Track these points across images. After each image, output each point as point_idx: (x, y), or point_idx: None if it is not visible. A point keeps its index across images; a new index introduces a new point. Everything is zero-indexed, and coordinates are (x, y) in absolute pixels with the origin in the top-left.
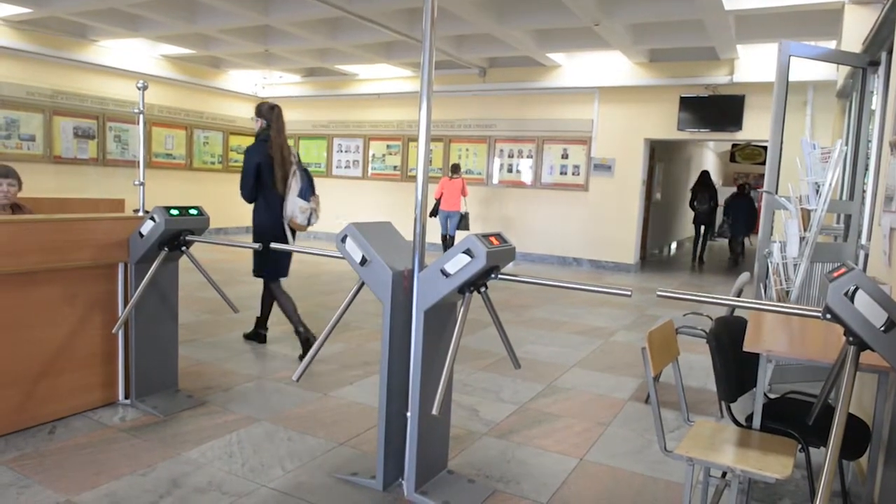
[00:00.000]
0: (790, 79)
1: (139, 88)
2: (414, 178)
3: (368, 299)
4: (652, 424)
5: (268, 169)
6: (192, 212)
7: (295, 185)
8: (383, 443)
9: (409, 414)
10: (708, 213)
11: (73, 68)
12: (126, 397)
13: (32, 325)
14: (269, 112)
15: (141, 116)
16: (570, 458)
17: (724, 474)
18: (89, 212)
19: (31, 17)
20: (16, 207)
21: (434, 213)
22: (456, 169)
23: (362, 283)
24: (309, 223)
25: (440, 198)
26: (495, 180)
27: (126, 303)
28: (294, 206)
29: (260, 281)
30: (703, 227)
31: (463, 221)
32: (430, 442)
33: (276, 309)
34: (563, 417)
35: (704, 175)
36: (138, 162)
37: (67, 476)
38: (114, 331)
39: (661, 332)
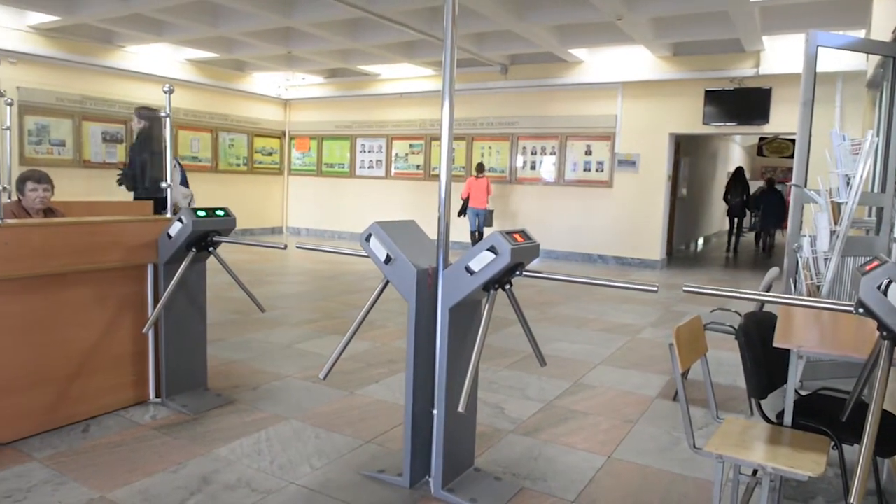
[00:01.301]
0: (818, 70)
1: (165, 92)
2: (437, 177)
3: (393, 298)
4: (680, 422)
5: (149, 163)
6: (219, 213)
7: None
8: (410, 440)
9: (435, 412)
10: (741, 206)
11: (100, 74)
12: (157, 396)
13: (65, 326)
14: (149, 115)
15: (167, 120)
16: (597, 456)
17: (754, 472)
18: (118, 214)
19: (59, 25)
20: (48, 211)
21: (463, 212)
22: (481, 168)
23: (387, 282)
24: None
25: (468, 197)
26: (518, 177)
27: (155, 303)
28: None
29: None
30: (735, 220)
31: (488, 217)
32: (457, 439)
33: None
34: (590, 415)
35: (738, 171)
36: (165, 165)
37: (101, 473)
38: (144, 331)
39: (688, 328)
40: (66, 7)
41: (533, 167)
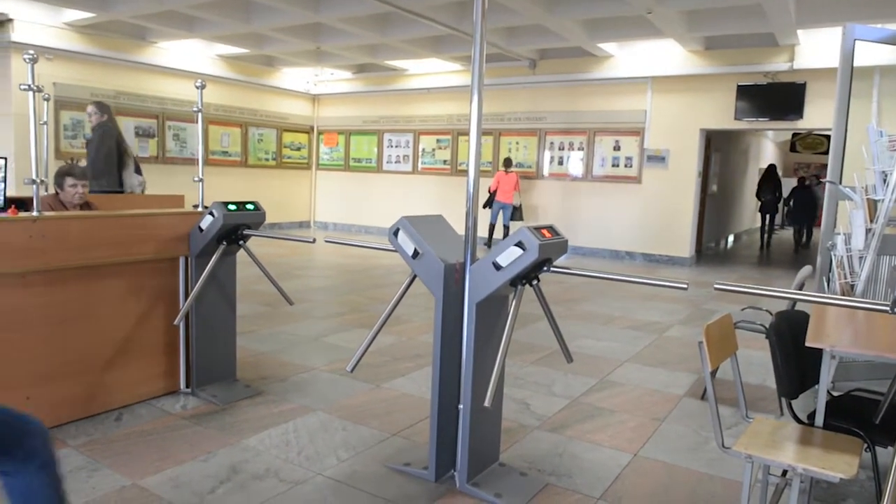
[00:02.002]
0: (855, 64)
1: (197, 87)
2: (464, 172)
3: (420, 292)
4: (708, 421)
5: (111, 157)
6: (249, 207)
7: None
8: (435, 434)
9: (461, 406)
10: (772, 204)
11: (133, 69)
12: (187, 386)
13: (100, 317)
14: (107, 108)
15: (199, 115)
16: (623, 454)
17: (784, 473)
18: (151, 208)
19: (94, 22)
20: (84, 205)
21: (488, 204)
22: (508, 163)
23: (414, 276)
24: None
25: (495, 190)
26: (546, 173)
27: (187, 295)
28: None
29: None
30: (767, 217)
31: (517, 213)
32: (482, 434)
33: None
34: (617, 412)
35: (771, 168)
36: (197, 159)
37: (133, 461)
38: (175, 322)
39: (718, 326)
40: (100, 4)
41: (561, 163)
